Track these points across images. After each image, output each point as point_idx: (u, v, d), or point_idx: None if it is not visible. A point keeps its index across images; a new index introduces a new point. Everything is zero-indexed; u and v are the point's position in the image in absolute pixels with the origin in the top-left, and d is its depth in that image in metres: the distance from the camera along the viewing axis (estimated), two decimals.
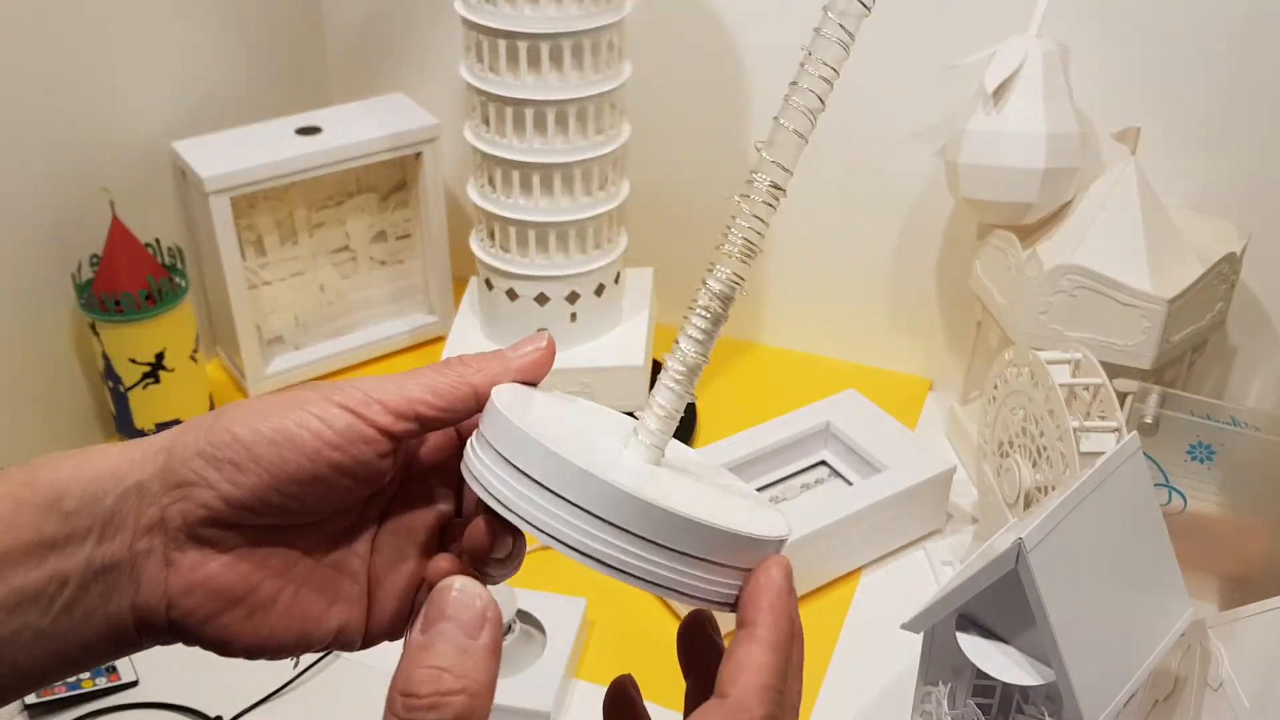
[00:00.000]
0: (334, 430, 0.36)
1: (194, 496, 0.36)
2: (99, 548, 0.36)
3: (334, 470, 0.36)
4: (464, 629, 0.33)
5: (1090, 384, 0.75)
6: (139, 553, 0.36)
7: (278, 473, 0.36)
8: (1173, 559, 0.66)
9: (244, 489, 0.36)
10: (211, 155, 0.96)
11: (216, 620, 0.37)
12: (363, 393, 0.37)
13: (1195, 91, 0.89)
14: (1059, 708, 0.59)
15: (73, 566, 0.35)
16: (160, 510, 0.36)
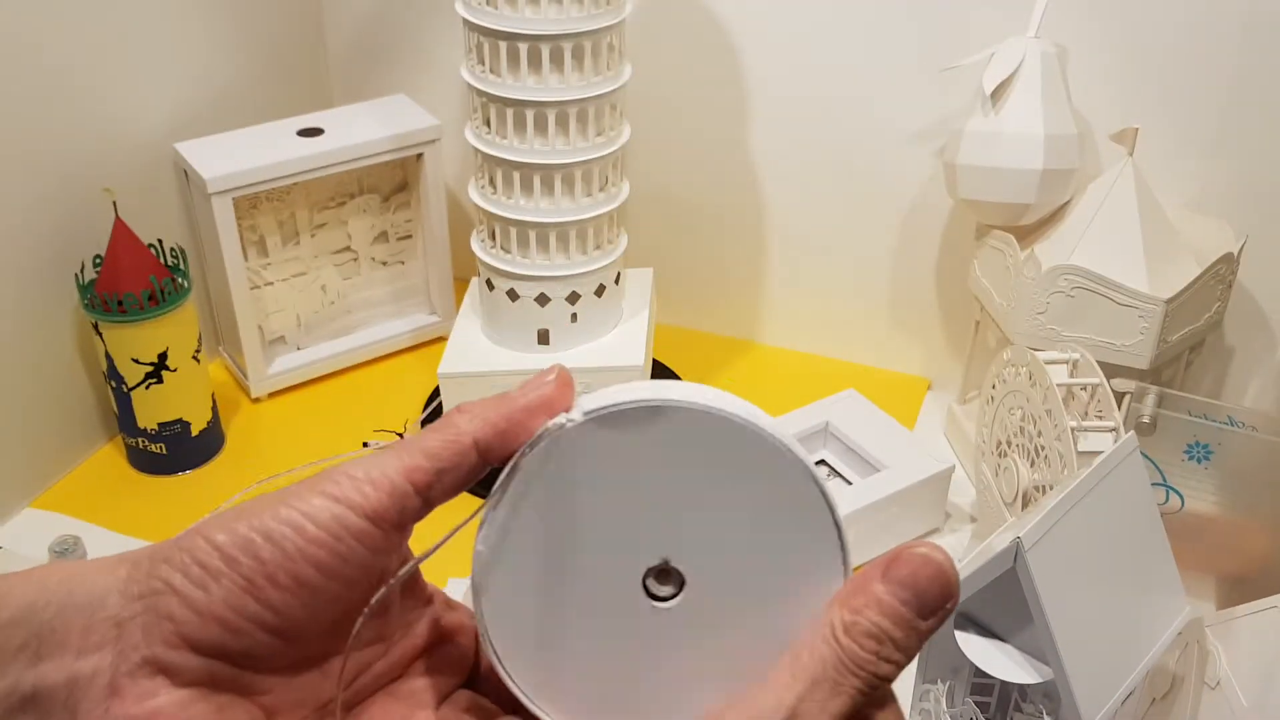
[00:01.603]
0: (315, 523, 0.31)
1: (158, 607, 0.30)
2: (32, 668, 0.30)
3: (318, 571, 0.31)
4: (923, 607, 0.31)
5: (1088, 384, 0.76)
6: (80, 676, 0.30)
7: (253, 576, 0.30)
8: (1170, 558, 0.67)
9: (215, 596, 0.30)
10: (214, 156, 0.96)
11: None
12: (346, 474, 0.32)
13: (1193, 92, 0.89)
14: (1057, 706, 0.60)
15: (5, 689, 0.30)
16: (117, 627, 0.30)
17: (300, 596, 0.31)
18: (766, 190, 1.07)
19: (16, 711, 0.30)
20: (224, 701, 0.31)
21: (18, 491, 0.93)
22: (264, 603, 0.30)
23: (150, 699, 0.30)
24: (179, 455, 0.97)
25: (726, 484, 0.33)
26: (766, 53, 1.01)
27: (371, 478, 0.31)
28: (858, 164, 1.02)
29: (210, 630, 0.30)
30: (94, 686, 0.30)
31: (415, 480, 0.32)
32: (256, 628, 0.31)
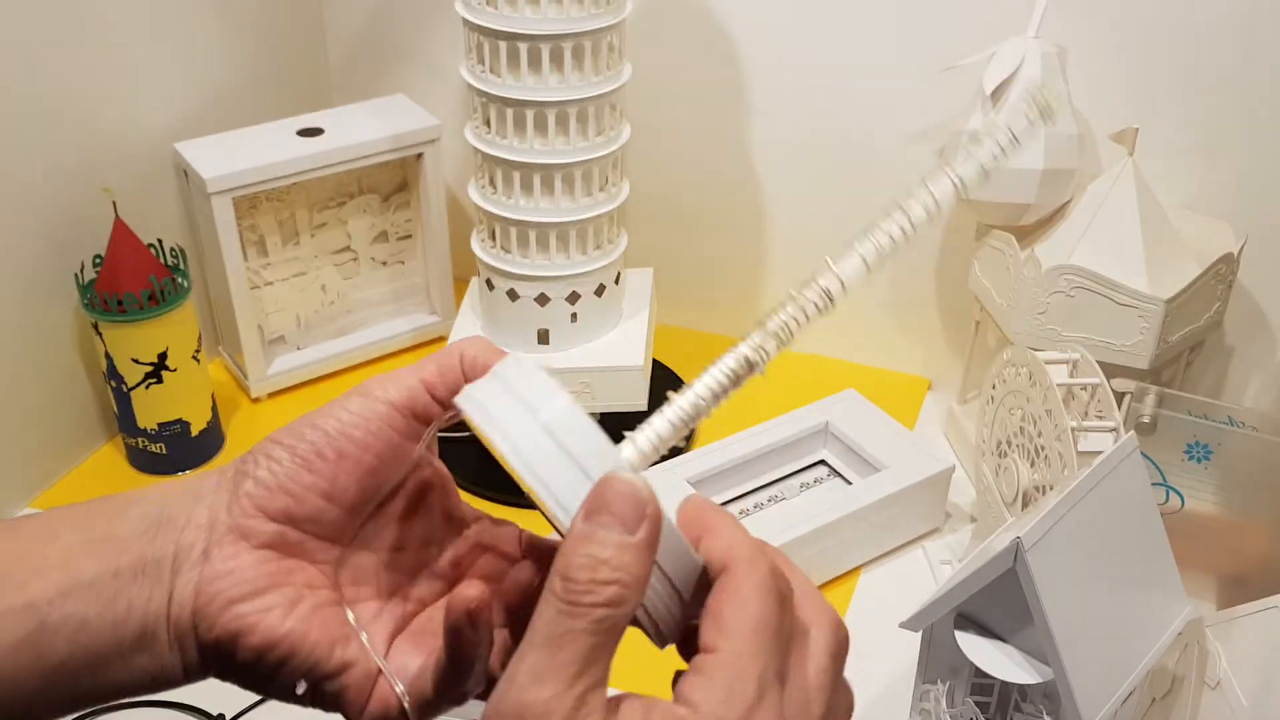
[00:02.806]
0: (349, 411, 0.40)
1: (239, 488, 0.39)
2: (151, 544, 0.39)
3: (356, 446, 0.39)
4: (623, 523, 0.34)
5: (1088, 384, 0.76)
6: (182, 546, 0.39)
7: (305, 454, 0.39)
8: (1170, 558, 0.67)
9: (277, 474, 0.39)
10: (214, 156, 0.96)
11: (235, 607, 0.38)
12: (376, 379, 0.41)
13: (1193, 92, 0.89)
14: (1057, 706, 0.60)
15: (125, 561, 0.38)
16: (210, 512, 0.39)
17: (343, 466, 0.39)
18: (766, 190, 1.07)
19: (138, 575, 0.38)
20: (292, 565, 0.39)
21: (18, 491, 0.93)
22: (316, 472, 0.39)
23: (232, 559, 0.39)
24: (179, 455, 0.97)
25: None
26: (766, 53, 1.01)
27: (392, 380, 0.40)
28: (858, 164, 1.02)
29: (277, 499, 0.39)
30: (192, 554, 0.39)
31: (426, 379, 0.40)
32: (312, 493, 0.39)
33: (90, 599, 0.38)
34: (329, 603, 0.40)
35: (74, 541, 0.38)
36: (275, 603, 0.38)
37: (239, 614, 0.38)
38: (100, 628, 0.38)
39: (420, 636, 0.42)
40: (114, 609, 0.38)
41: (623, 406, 0.94)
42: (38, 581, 0.37)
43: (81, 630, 0.37)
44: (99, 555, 0.38)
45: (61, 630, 0.37)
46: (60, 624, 0.37)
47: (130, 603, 0.38)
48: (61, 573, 0.38)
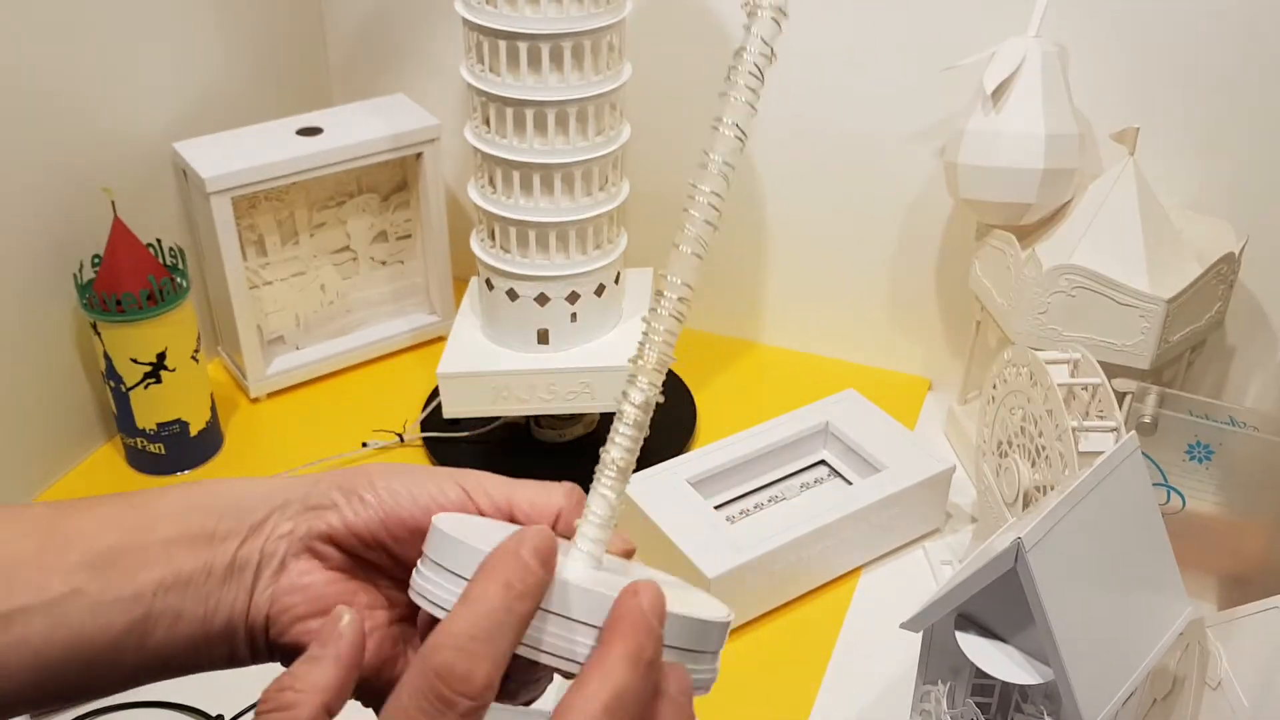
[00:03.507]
0: (446, 497, 0.42)
1: (323, 516, 0.42)
2: (242, 547, 0.42)
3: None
4: (319, 641, 0.38)
5: (1089, 384, 0.76)
6: (266, 555, 0.42)
7: (391, 514, 0.42)
8: (1171, 558, 0.67)
9: (361, 519, 0.42)
10: (213, 156, 0.96)
11: (304, 623, 0.42)
12: (476, 479, 0.43)
13: (1194, 92, 0.89)
14: (1058, 707, 0.59)
15: (219, 561, 0.42)
16: (292, 524, 0.43)
17: (415, 541, 0.41)
18: (767, 190, 1.07)
19: (229, 575, 0.42)
20: (356, 586, 0.43)
21: (16, 491, 0.93)
22: (391, 534, 0.42)
23: (306, 575, 0.43)
24: (178, 455, 0.97)
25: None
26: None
27: (492, 493, 0.43)
28: (858, 163, 1.02)
29: (350, 540, 0.43)
30: (273, 562, 0.43)
31: (516, 516, 0.43)
32: (382, 549, 0.43)
33: (187, 594, 0.41)
34: (385, 623, 0.44)
35: (175, 535, 0.42)
36: None
37: (306, 629, 0.42)
38: (192, 620, 0.41)
39: None
40: (205, 605, 0.42)
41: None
42: (145, 574, 0.41)
43: (178, 621, 0.41)
44: (197, 553, 0.42)
45: (161, 620, 0.41)
46: (161, 614, 0.41)
47: (219, 602, 0.42)
48: (165, 567, 0.41)
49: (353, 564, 0.43)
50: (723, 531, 0.83)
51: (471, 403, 0.94)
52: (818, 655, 0.82)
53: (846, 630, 0.84)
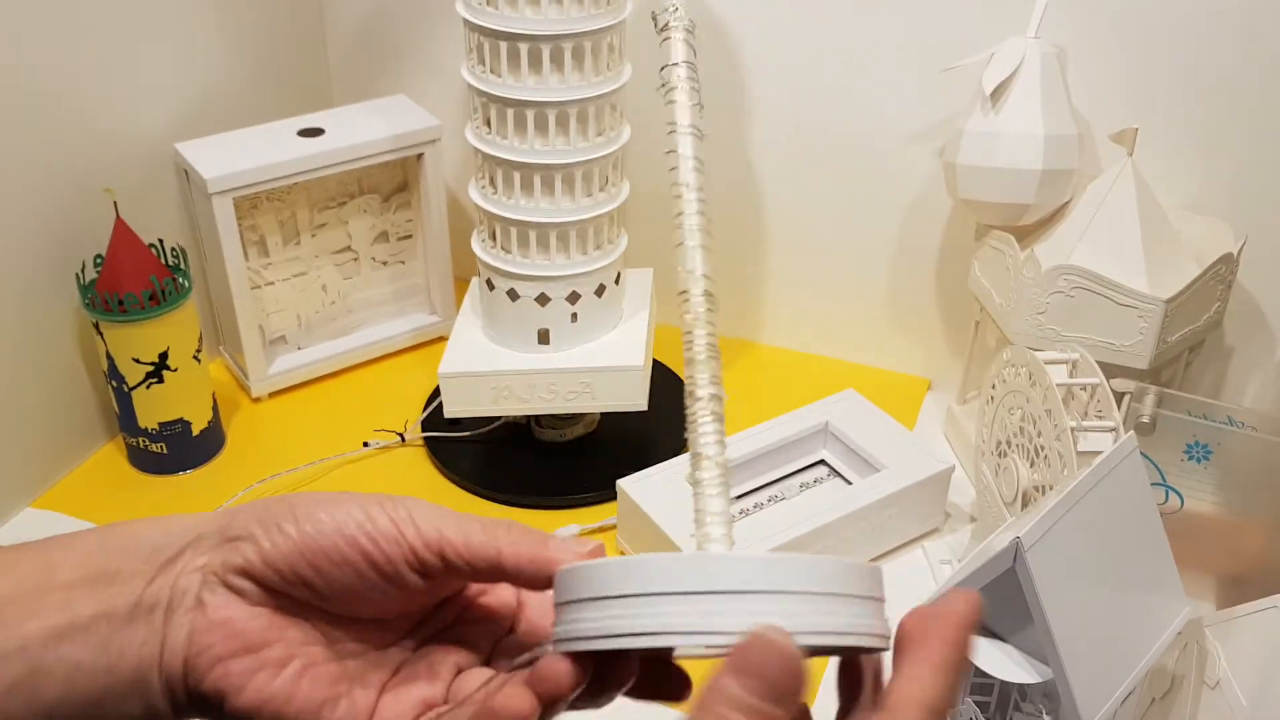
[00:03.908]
0: (374, 526, 0.38)
1: (238, 549, 0.38)
2: (148, 587, 0.38)
3: (365, 561, 0.38)
4: (771, 689, 0.31)
5: (1087, 384, 0.76)
6: (178, 591, 0.38)
7: (312, 545, 0.38)
8: (1170, 558, 0.67)
9: (280, 551, 0.38)
10: (214, 156, 0.97)
11: (225, 664, 0.38)
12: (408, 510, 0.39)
13: (1193, 92, 0.89)
14: (1056, 706, 0.60)
15: (121, 603, 0.38)
16: (207, 558, 0.39)
17: (342, 574, 0.38)
18: (766, 190, 1.07)
19: (132, 619, 0.38)
20: (284, 622, 0.39)
21: (18, 491, 0.93)
22: (313, 566, 0.38)
23: (224, 609, 0.38)
24: (180, 455, 0.97)
25: None
26: (766, 52, 1.01)
27: (420, 526, 0.38)
28: (857, 164, 1.02)
29: (269, 575, 0.38)
30: (184, 599, 0.38)
31: (448, 556, 0.38)
32: (302, 583, 0.38)
33: (85, 642, 0.37)
34: (321, 660, 0.40)
35: (74, 578, 0.38)
36: (265, 661, 0.38)
37: (228, 671, 0.38)
38: (94, 671, 0.37)
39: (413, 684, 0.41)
40: (107, 653, 0.37)
41: (623, 407, 0.94)
42: (33, 623, 0.37)
43: (75, 673, 0.37)
44: (96, 595, 0.37)
45: (55, 673, 0.36)
46: (54, 667, 0.36)
47: (123, 648, 0.37)
48: (59, 614, 0.37)
49: (277, 600, 0.39)
50: None
51: (472, 403, 0.94)
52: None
53: None
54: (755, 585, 0.32)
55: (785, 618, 0.31)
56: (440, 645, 0.42)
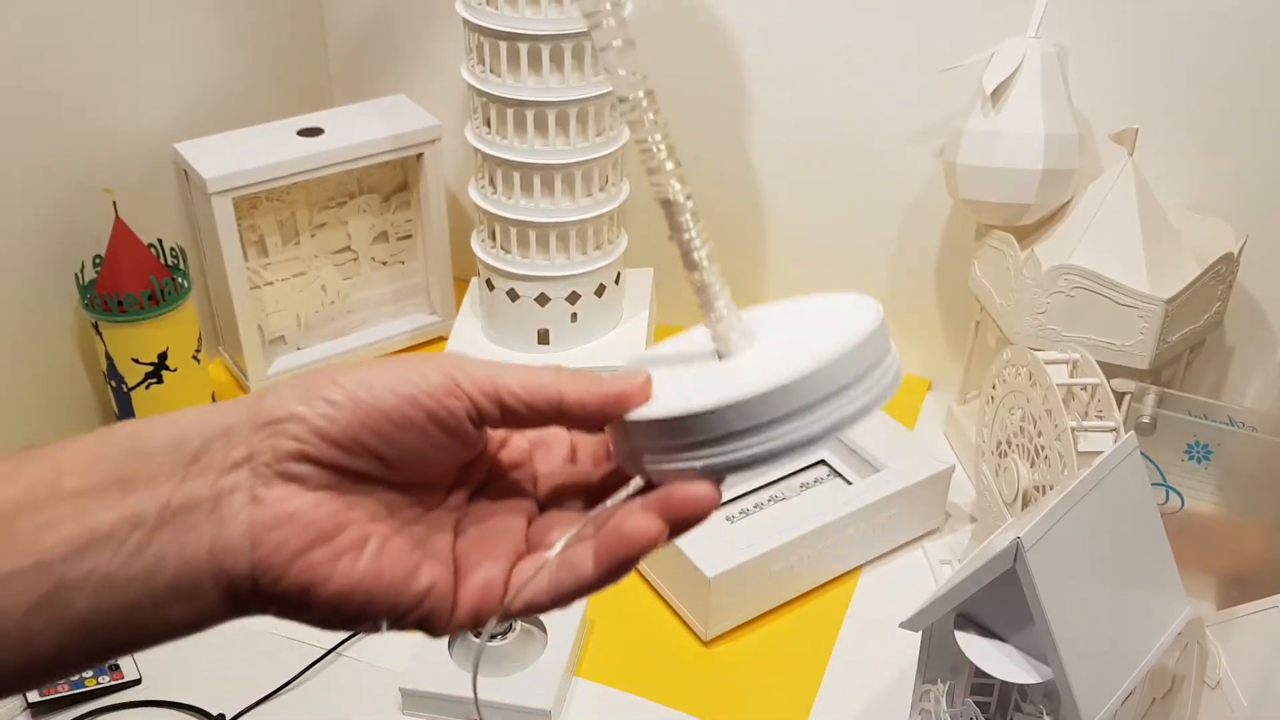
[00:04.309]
0: (429, 383, 0.37)
1: (286, 431, 0.35)
2: (179, 487, 0.35)
3: (428, 418, 0.37)
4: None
5: (1088, 384, 0.76)
6: (222, 490, 0.35)
7: (372, 411, 0.36)
8: (1170, 558, 0.67)
9: (337, 424, 0.36)
10: (214, 156, 0.96)
11: (304, 557, 0.35)
12: (456, 361, 0.38)
13: (1193, 92, 0.89)
14: (1057, 706, 0.60)
15: (149, 507, 0.35)
16: (249, 448, 0.36)
17: (408, 436, 0.37)
18: (766, 190, 1.07)
19: (167, 522, 0.35)
20: (350, 500, 0.37)
21: None
22: (379, 434, 0.36)
23: (287, 502, 0.35)
24: None
25: None
26: (766, 52, 1.01)
27: (475, 376, 0.37)
28: (857, 164, 1.02)
29: (332, 452, 0.36)
30: (235, 498, 0.35)
31: (503, 399, 0.38)
32: (369, 454, 0.36)
33: (111, 553, 0.34)
34: (392, 532, 0.38)
35: (84, 485, 0.35)
36: (344, 547, 0.36)
37: (310, 564, 0.35)
38: (126, 581, 0.34)
39: (490, 539, 0.40)
40: (141, 561, 0.34)
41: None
42: (48, 536, 0.34)
43: (104, 586, 0.34)
44: (115, 501, 0.35)
45: (82, 587, 0.34)
46: (80, 581, 0.34)
47: (161, 554, 0.35)
48: (75, 523, 0.34)
49: (339, 478, 0.36)
50: (722, 531, 0.83)
51: None
52: (818, 655, 0.82)
53: (846, 630, 0.84)
54: (826, 390, 0.36)
55: (852, 403, 0.37)
56: (485, 500, 0.42)
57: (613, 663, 0.81)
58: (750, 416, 0.36)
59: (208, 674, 0.79)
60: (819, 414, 0.36)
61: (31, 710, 0.76)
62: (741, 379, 0.37)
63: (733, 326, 0.40)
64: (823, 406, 0.36)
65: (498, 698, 0.75)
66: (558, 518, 0.41)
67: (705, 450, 0.36)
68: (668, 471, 0.37)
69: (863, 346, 0.37)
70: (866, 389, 0.37)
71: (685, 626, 0.84)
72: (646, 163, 0.39)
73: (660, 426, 0.37)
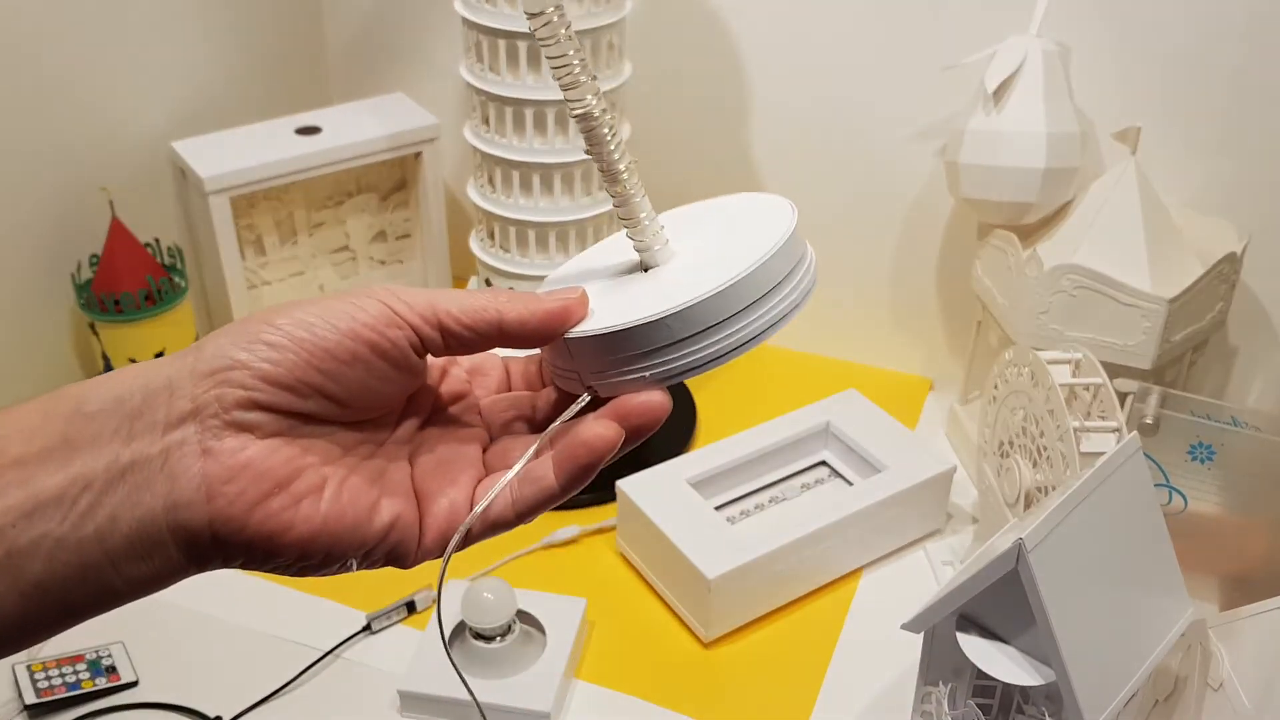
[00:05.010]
0: (368, 314, 0.36)
1: (230, 379, 0.35)
2: (126, 446, 0.35)
3: (371, 350, 0.37)
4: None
5: (1090, 384, 0.75)
6: (171, 445, 0.35)
7: (315, 349, 0.36)
8: (1173, 559, 0.67)
9: (283, 366, 0.35)
10: (211, 155, 0.96)
11: (263, 507, 0.35)
12: (390, 291, 0.38)
13: (1196, 91, 0.89)
14: (1059, 708, 0.59)
15: (96, 467, 0.34)
16: (192, 401, 0.35)
17: (354, 371, 0.37)
18: (767, 189, 1.07)
19: (116, 481, 0.34)
20: (304, 444, 0.36)
21: None
22: (324, 372, 0.36)
23: (240, 452, 0.35)
24: None
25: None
26: (766, 52, 1.00)
27: (412, 302, 0.37)
28: (859, 163, 1.02)
29: (280, 396, 0.35)
30: (185, 451, 0.35)
31: (443, 323, 0.38)
32: (318, 393, 0.36)
33: (60, 516, 0.34)
34: (350, 471, 0.38)
35: (27, 452, 0.34)
36: (303, 491, 0.36)
37: (269, 513, 0.35)
38: (79, 543, 0.34)
39: (447, 466, 0.40)
40: (94, 521, 0.34)
41: None
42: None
43: (57, 549, 0.34)
44: (61, 464, 0.34)
45: (34, 552, 0.34)
46: (31, 546, 0.34)
47: (114, 514, 0.34)
48: (20, 490, 0.34)
49: (289, 422, 0.36)
50: (723, 532, 0.83)
51: None
52: (818, 656, 0.82)
53: (847, 631, 0.84)
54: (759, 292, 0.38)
55: (776, 309, 0.39)
56: (435, 430, 0.42)
57: (613, 665, 0.81)
58: (693, 323, 0.37)
59: (205, 676, 0.79)
60: (755, 315, 0.38)
61: (29, 712, 0.76)
62: (678, 288, 0.38)
63: (656, 237, 0.41)
64: (759, 308, 0.38)
65: (497, 700, 0.74)
66: (511, 443, 0.41)
67: (650, 360, 0.38)
68: (616, 384, 0.38)
69: (787, 247, 0.39)
70: (794, 286, 0.40)
71: (685, 628, 0.84)
72: (561, 80, 0.39)
73: (604, 341, 0.38)
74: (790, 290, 0.39)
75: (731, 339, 0.38)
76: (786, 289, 0.39)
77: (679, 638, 0.83)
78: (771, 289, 0.39)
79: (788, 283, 0.39)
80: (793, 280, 0.40)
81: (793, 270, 0.40)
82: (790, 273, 0.40)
